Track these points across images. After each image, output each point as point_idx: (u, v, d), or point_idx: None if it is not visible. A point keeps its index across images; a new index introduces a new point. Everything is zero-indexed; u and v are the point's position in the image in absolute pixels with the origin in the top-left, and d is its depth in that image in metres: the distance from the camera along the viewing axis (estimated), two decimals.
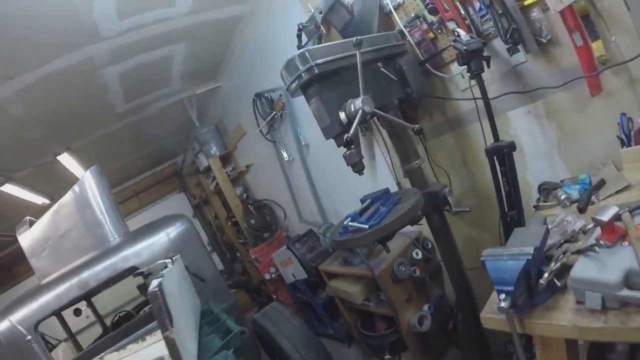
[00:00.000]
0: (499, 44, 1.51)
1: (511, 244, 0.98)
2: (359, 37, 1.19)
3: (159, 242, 2.10)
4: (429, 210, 1.50)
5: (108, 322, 3.55)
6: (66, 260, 2.22)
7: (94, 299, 3.39)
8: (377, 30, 1.63)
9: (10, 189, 3.65)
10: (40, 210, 2.64)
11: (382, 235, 1.24)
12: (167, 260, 1.50)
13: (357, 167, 1.34)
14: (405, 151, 1.55)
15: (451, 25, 1.56)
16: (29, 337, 1.84)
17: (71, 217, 2.24)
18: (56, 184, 3.93)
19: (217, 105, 4.80)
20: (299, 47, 2.22)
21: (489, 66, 1.47)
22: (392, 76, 1.46)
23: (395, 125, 1.40)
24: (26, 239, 2.31)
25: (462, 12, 1.52)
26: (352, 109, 1.26)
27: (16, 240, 2.40)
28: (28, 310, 1.98)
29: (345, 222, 1.33)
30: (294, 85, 1.31)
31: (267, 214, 4.66)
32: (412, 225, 1.45)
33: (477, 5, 1.49)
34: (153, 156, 6.10)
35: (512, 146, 1.42)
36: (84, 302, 3.26)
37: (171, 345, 1.07)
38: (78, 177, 4.12)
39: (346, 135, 1.17)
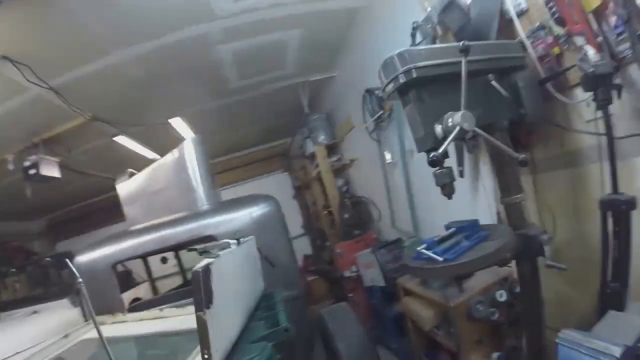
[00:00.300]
0: (635, 72, 1.21)
1: (599, 332, 0.78)
2: (466, 42, 1.03)
3: (240, 219, 2.15)
4: (520, 255, 1.28)
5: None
6: (154, 215, 2.42)
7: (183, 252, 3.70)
8: (495, 37, 1.43)
9: (123, 140, 4.11)
10: (148, 164, 2.90)
11: (455, 272, 1.09)
12: (231, 241, 1.51)
13: (446, 190, 1.19)
14: (507, 181, 1.32)
15: (579, 40, 1.28)
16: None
17: (167, 178, 2.43)
18: (166, 143, 4.32)
19: (330, 95, 4.82)
20: (412, 46, 2.07)
21: (619, 97, 1.20)
22: (505, 93, 1.25)
23: (499, 150, 1.20)
24: (123, 188, 2.57)
25: (595, 26, 1.23)
26: (450, 124, 1.11)
27: None
28: (111, 250, 2.22)
29: (420, 248, 1.20)
30: (389, 87, 1.20)
31: (362, 212, 4.59)
32: (499, 267, 1.26)
33: (613, 20, 1.19)
34: (263, 133, 6.40)
35: (632, 203, 1.16)
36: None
37: (202, 325, 1.08)
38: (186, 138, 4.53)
39: (432, 154, 1.03)
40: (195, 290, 1.10)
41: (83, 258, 2.28)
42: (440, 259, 1.10)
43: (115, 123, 3.73)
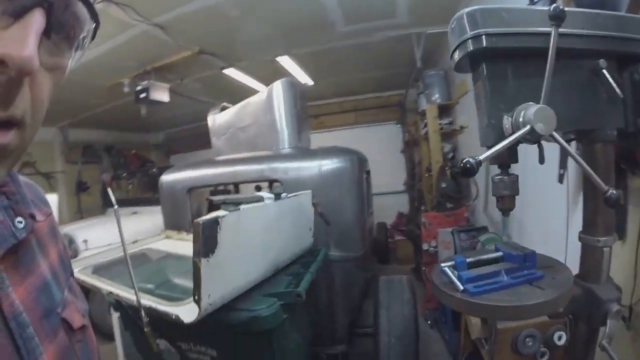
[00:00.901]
0: None
1: None
2: (559, 6, 0.68)
3: (307, 169, 2.09)
4: (576, 315, 0.94)
5: None
6: (237, 149, 2.53)
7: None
8: (625, 9, 0.97)
9: (232, 72, 4.30)
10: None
11: (472, 312, 0.85)
12: (267, 196, 1.46)
13: (502, 204, 0.92)
14: (592, 214, 0.95)
15: None
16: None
17: (253, 116, 2.47)
18: (276, 79, 4.46)
19: (449, 51, 4.26)
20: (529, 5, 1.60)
21: None
22: (618, 90, 0.83)
23: (584, 172, 0.84)
24: (213, 120, 2.70)
25: None
26: (520, 119, 0.81)
27: None
28: (188, 176, 2.40)
29: (445, 264, 0.98)
30: (456, 54, 0.91)
31: (461, 185, 4.13)
32: None
33: None
34: (375, 82, 6.09)
35: None
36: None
37: (196, 271, 1.12)
38: (298, 78, 4.58)
39: (466, 159, 0.77)
40: (195, 239, 1.11)
41: (166, 178, 2.53)
42: (461, 287, 0.87)
43: (222, 57, 3.87)
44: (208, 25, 3.06)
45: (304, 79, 4.80)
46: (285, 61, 4.07)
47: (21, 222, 0.42)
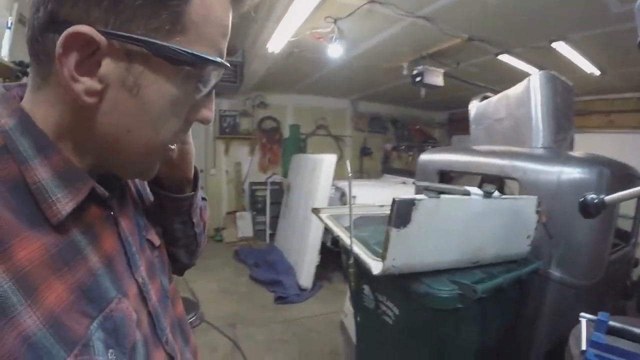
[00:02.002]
0: None
1: None
2: None
3: (545, 174, 1.91)
4: None
5: None
6: (492, 140, 2.54)
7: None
8: None
9: (506, 58, 4.06)
10: None
11: None
12: (474, 191, 1.52)
13: None
14: None
15: None
16: None
17: (508, 108, 2.41)
18: (556, 66, 3.90)
19: None
20: None
21: None
22: None
23: None
24: (474, 108, 2.74)
25: None
26: None
27: None
28: (439, 158, 2.60)
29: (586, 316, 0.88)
30: None
31: None
32: None
33: None
34: None
35: None
36: None
37: (387, 235, 1.37)
38: (581, 67, 3.87)
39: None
40: (390, 211, 1.36)
41: (423, 157, 2.80)
42: (583, 347, 0.79)
43: (494, 43, 3.70)
44: (471, 14, 3.06)
45: (588, 67, 4.07)
46: (562, 47, 3.57)
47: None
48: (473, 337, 1.53)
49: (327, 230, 3.08)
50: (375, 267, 1.50)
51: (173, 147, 0.56)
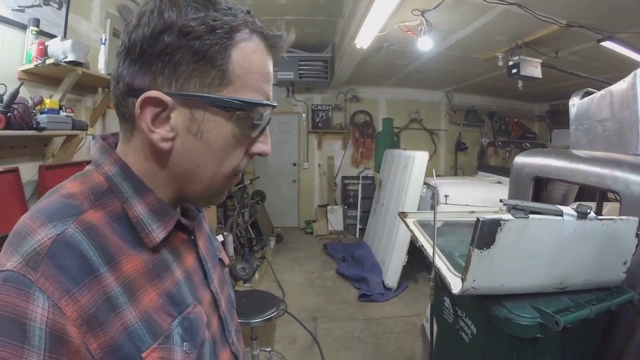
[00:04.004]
0: None
1: None
2: None
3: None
4: None
5: None
6: (593, 144, 2.21)
7: None
8: None
9: (611, 45, 3.57)
10: None
11: None
12: (567, 211, 1.34)
13: None
14: None
15: None
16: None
17: (612, 108, 2.06)
18: None
19: None
20: None
21: None
22: None
23: None
24: (574, 106, 2.39)
25: None
26: None
27: None
28: (538, 162, 2.32)
29: None
30: None
31: None
32: None
33: None
34: None
35: None
36: None
37: (468, 256, 1.32)
38: None
39: None
40: (474, 231, 1.29)
41: (519, 159, 2.52)
42: None
43: (595, 28, 3.25)
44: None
45: None
46: None
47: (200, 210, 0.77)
48: None
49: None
50: (455, 285, 1.42)
51: (238, 176, 0.64)
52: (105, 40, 2.68)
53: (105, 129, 3.02)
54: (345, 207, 7.14)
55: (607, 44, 3.59)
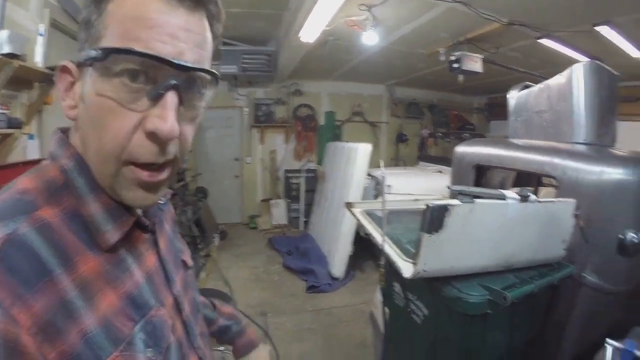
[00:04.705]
0: None
1: None
2: None
3: (586, 174, 1.76)
4: None
5: None
6: (531, 134, 2.39)
7: None
8: None
9: (548, 42, 3.88)
10: None
11: None
12: (510, 195, 1.45)
13: None
14: None
15: None
16: None
17: (549, 101, 2.26)
18: (599, 50, 3.70)
19: None
20: None
21: None
22: None
23: None
24: (513, 98, 2.59)
25: None
26: None
27: None
28: (475, 151, 2.49)
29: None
30: None
31: None
32: None
33: None
34: None
35: None
36: None
37: (418, 241, 1.36)
38: (627, 51, 3.63)
39: None
40: (423, 217, 1.33)
41: (459, 149, 2.67)
42: None
43: (535, 27, 3.53)
44: None
45: (635, 52, 3.83)
46: (606, 31, 3.33)
47: (162, 200, 0.69)
48: (500, 341, 1.49)
49: None
50: (406, 270, 1.47)
51: (139, 165, 0.50)
52: (43, 31, 2.43)
53: (42, 126, 2.73)
54: (289, 200, 7.13)
55: (545, 42, 3.88)
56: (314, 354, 2.98)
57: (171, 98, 0.47)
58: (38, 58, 2.40)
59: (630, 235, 0.78)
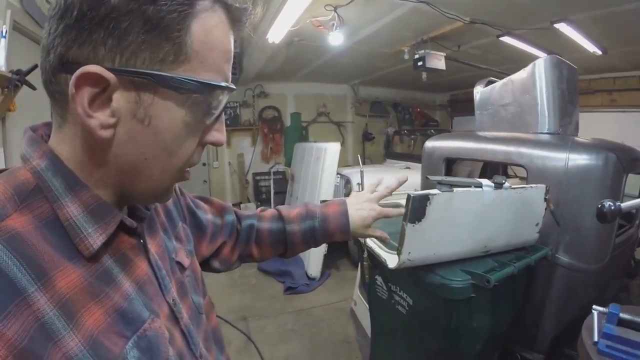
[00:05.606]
0: None
1: None
2: None
3: (553, 161, 1.89)
4: None
5: None
6: (497, 126, 2.51)
7: None
8: None
9: (509, 40, 4.07)
10: None
11: None
12: (486, 183, 1.52)
13: None
14: None
15: None
16: None
17: (513, 94, 2.38)
18: (559, 46, 3.90)
19: None
20: None
21: None
22: None
23: None
24: (478, 93, 2.71)
25: None
26: None
27: None
28: (445, 145, 2.58)
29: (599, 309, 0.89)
30: None
31: None
32: None
33: None
34: None
35: None
36: None
37: (402, 231, 1.39)
38: (583, 46, 3.87)
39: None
40: (405, 206, 1.37)
41: (429, 143, 2.75)
42: (595, 339, 0.81)
43: (496, 25, 3.69)
44: None
45: (590, 47, 4.08)
46: (564, 28, 3.55)
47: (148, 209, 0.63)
48: (485, 323, 1.55)
49: None
50: (391, 261, 1.51)
51: (189, 169, 0.55)
52: (5, 33, 2.26)
53: (7, 136, 2.53)
54: (259, 203, 7.08)
55: (506, 39, 4.04)
56: (301, 354, 2.98)
57: (223, 116, 0.55)
58: (1, 62, 2.24)
59: (608, 203, 0.85)
